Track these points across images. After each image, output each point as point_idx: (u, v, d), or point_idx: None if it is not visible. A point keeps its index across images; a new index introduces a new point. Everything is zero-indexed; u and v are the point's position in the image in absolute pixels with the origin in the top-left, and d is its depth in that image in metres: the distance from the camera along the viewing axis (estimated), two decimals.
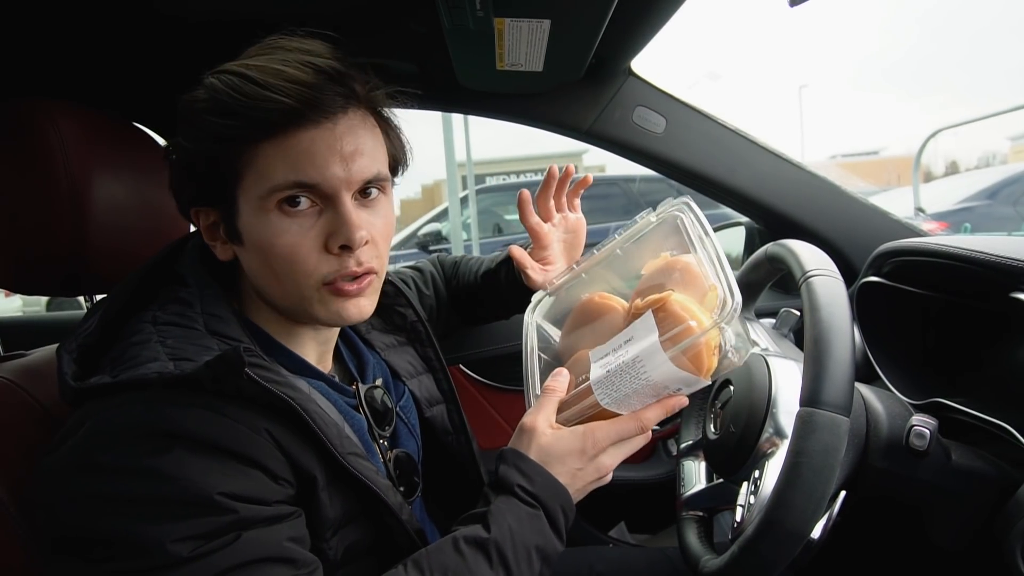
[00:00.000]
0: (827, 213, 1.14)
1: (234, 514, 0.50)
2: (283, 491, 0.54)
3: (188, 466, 0.49)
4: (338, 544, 0.59)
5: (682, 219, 0.68)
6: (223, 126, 0.55)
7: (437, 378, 0.84)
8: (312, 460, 0.56)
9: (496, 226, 5.66)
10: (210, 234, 0.62)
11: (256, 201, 0.57)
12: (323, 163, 0.56)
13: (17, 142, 0.68)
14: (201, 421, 0.51)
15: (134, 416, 0.50)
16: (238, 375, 0.51)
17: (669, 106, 1.11)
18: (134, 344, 0.56)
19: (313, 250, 0.58)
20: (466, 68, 0.94)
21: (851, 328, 0.62)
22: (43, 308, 6.05)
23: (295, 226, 0.57)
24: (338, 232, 0.57)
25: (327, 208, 0.58)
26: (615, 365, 0.59)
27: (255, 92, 0.55)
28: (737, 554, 0.64)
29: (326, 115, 0.56)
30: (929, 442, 0.68)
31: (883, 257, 0.90)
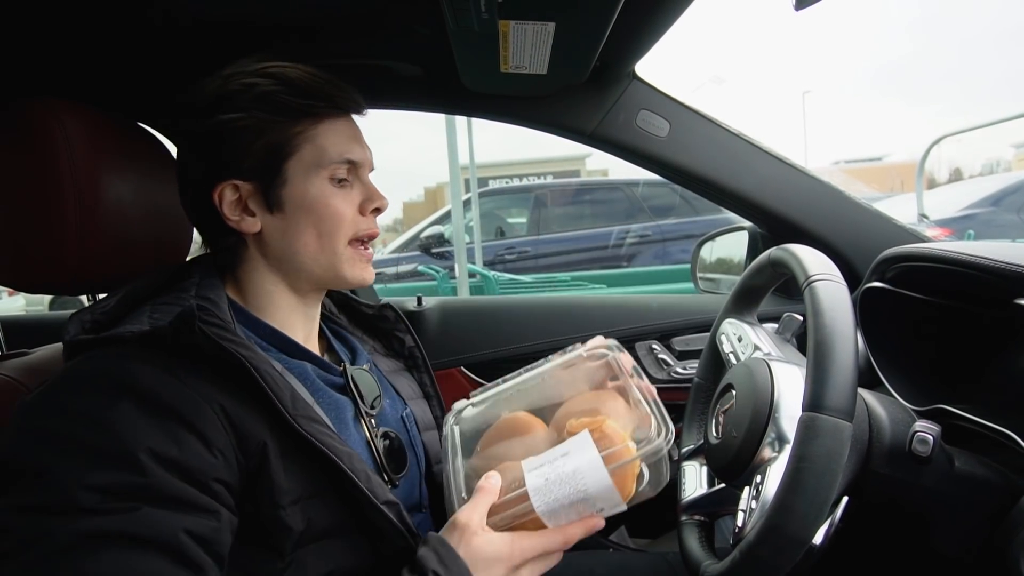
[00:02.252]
0: (831, 218, 1.13)
1: (143, 478, 0.50)
2: (218, 465, 0.54)
3: (128, 420, 0.52)
4: (299, 514, 0.58)
5: (615, 358, 0.74)
6: (301, 104, 0.67)
7: (431, 404, 0.87)
8: (261, 426, 0.58)
9: (499, 229, 5.66)
10: (235, 207, 0.69)
11: (311, 171, 0.68)
12: (361, 145, 0.72)
13: (23, 141, 0.68)
14: (154, 379, 0.55)
15: (99, 367, 0.56)
16: (191, 329, 0.56)
17: (673, 110, 1.11)
18: (129, 319, 0.63)
19: (351, 212, 0.71)
20: (470, 70, 0.94)
21: (854, 333, 0.62)
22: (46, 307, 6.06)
23: (341, 193, 0.70)
24: (371, 198, 0.72)
25: (355, 182, 0.72)
26: (554, 475, 0.62)
27: (319, 81, 0.69)
28: (738, 559, 0.64)
29: (358, 110, 0.74)
30: (932, 448, 0.68)
31: (887, 262, 0.90)
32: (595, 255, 5.12)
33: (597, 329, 1.29)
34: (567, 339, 1.28)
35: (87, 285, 0.74)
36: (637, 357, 1.29)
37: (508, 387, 0.77)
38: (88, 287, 0.76)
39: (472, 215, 4.91)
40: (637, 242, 5.08)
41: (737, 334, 0.91)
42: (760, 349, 0.85)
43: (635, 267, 4.92)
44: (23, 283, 0.71)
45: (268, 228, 0.69)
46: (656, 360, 1.29)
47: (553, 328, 1.31)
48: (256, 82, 0.67)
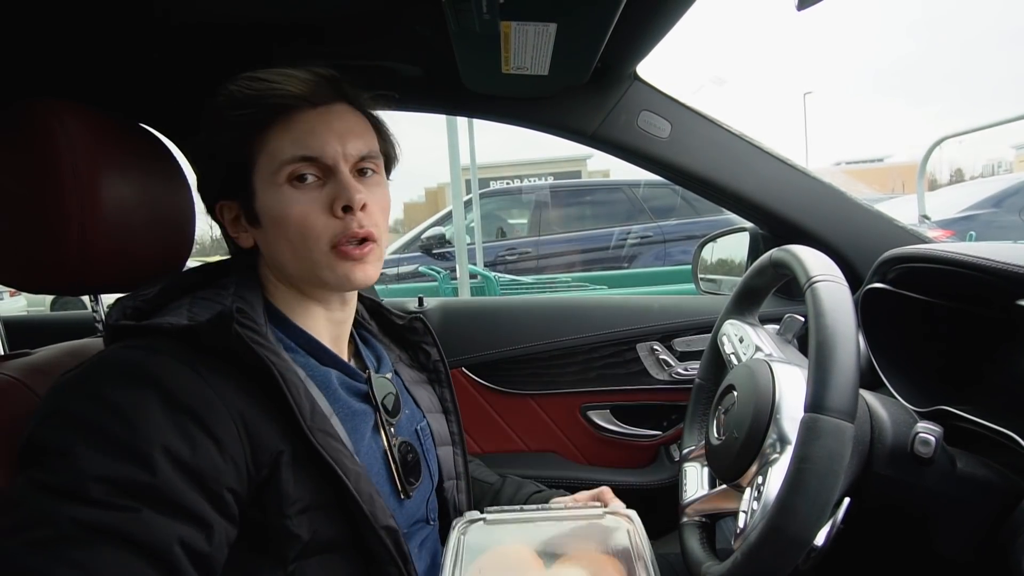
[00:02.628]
0: (832, 219, 1.13)
1: (152, 478, 0.51)
2: (226, 469, 0.55)
3: (151, 416, 0.53)
4: (305, 524, 0.59)
5: (634, 532, 0.77)
6: (238, 116, 0.66)
7: (449, 420, 0.87)
8: (278, 434, 0.59)
9: (500, 230, 5.66)
10: (234, 227, 0.71)
11: (269, 178, 0.66)
12: (323, 139, 0.66)
13: (25, 141, 0.68)
14: (179, 376, 0.56)
15: (132, 357, 0.57)
16: (227, 329, 0.58)
17: (674, 111, 1.11)
18: (170, 309, 0.64)
19: (320, 215, 0.66)
20: (471, 71, 0.94)
21: (856, 334, 0.62)
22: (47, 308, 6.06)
23: (304, 196, 0.66)
24: (339, 196, 0.66)
25: (329, 180, 0.67)
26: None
27: (262, 86, 0.66)
28: (740, 560, 0.64)
29: (321, 102, 0.68)
30: (934, 449, 0.68)
31: (888, 263, 0.90)
32: (596, 256, 5.12)
33: (598, 330, 1.30)
34: (568, 339, 1.30)
35: (89, 285, 0.74)
36: (638, 358, 1.29)
37: (523, 516, 0.77)
38: (90, 287, 0.76)
39: (473, 216, 4.91)
40: (638, 243, 5.08)
41: (738, 335, 0.91)
42: (761, 350, 0.85)
43: (636, 268, 4.92)
44: (25, 283, 0.71)
45: (258, 242, 0.71)
46: (657, 361, 1.29)
47: (554, 329, 1.31)
48: (212, 101, 0.68)
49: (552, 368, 1.31)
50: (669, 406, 1.30)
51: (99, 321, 0.89)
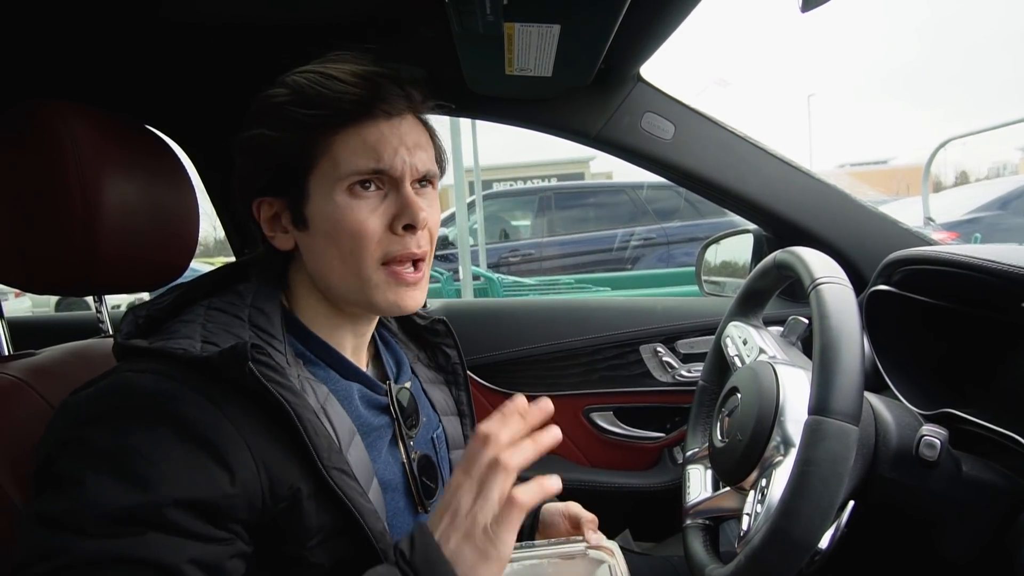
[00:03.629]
0: (836, 221, 1.13)
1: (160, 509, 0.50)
2: (237, 503, 0.54)
3: (164, 450, 0.52)
4: (326, 553, 0.58)
5: (611, 564, 0.76)
6: (306, 115, 0.61)
7: (464, 423, 0.86)
8: (296, 471, 0.57)
9: (503, 231, 5.67)
10: (271, 225, 0.67)
11: (330, 185, 0.62)
12: (393, 151, 0.63)
13: (30, 143, 0.68)
14: (192, 406, 0.54)
15: (144, 384, 0.55)
16: (241, 367, 0.54)
17: (678, 112, 1.11)
18: (182, 322, 0.61)
19: (379, 228, 0.63)
20: (475, 73, 0.94)
21: (861, 336, 0.62)
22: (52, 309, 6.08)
23: (364, 205, 0.63)
24: (403, 213, 0.63)
25: (391, 192, 0.64)
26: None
27: (336, 86, 0.62)
28: (743, 563, 0.64)
29: (393, 111, 0.64)
30: (939, 452, 0.67)
31: (893, 266, 0.90)
32: (599, 258, 5.12)
33: (601, 331, 1.30)
34: (571, 341, 1.29)
35: (93, 286, 0.75)
36: (641, 360, 1.29)
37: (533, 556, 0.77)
38: (94, 288, 0.76)
39: (476, 218, 4.91)
40: (641, 245, 5.08)
41: (742, 337, 0.90)
42: (765, 352, 0.84)
43: (639, 270, 4.91)
44: (29, 284, 0.71)
45: (301, 245, 0.66)
46: (660, 363, 1.29)
47: (557, 330, 1.31)
48: (272, 93, 0.64)
49: (555, 370, 1.31)
50: (672, 408, 1.30)
51: (103, 322, 0.90)
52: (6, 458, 0.60)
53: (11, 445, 0.61)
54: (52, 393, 0.66)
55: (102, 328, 0.89)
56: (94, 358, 0.73)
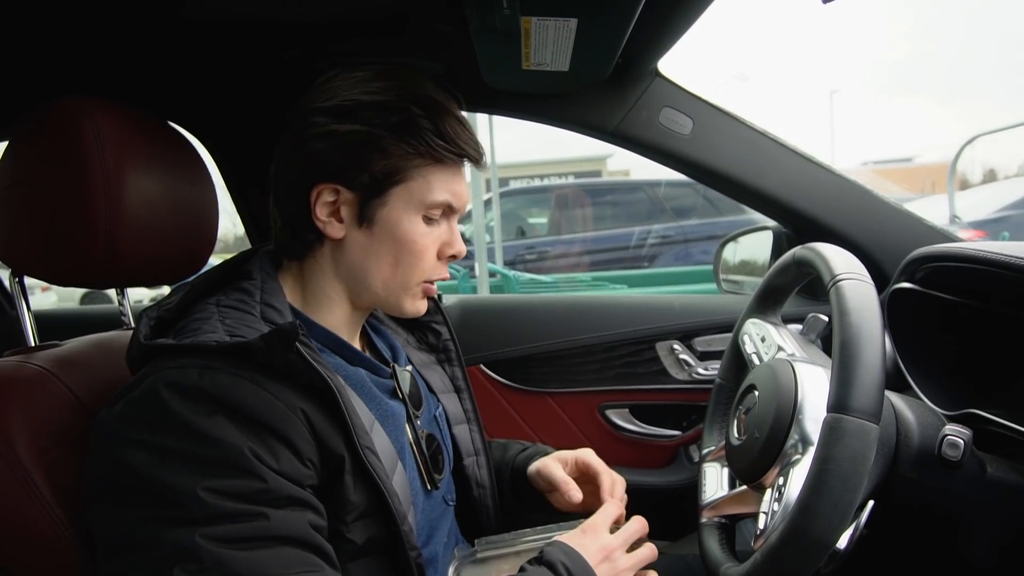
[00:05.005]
0: (857, 217, 1.11)
1: (262, 482, 0.54)
2: (308, 473, 0.58)
3: (227, 431, 0.54)
4: (359, 532, 0.61)
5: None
6: (440, 146, 0.67)
7: (462, 397, 0.87)
8: (340, 442, 0.60)
9: (519, 229, 5.66)
10: (327, 210, 0.68)
11: (413, 204, 0.68)
12: (463, 193, 0.72)
13: (56, 137, 0.70)
14: (245, 392, 0.56)
15: (188, 378, 0.56)
16: (289, 348, 0.57)
17: (696, 107, 1.10)
18: (197, 319, 0.63)
19: (432, 254, 0.71)
20: (492, 68, 0.94)
21: (882, 333, 0.61)
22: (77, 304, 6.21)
23: (431, 233, 0.70)
24: (452, 244, 0.72)
25: (442, 223, 0.71)
26: None
27: (466, 135, 0.69)
28: (760, 562, 0.63)
29: (476, 165, 0.73)
30: (963, 453, 0.66)
31: (916, 263, 0.88)
32: (616, 255, 5.10)
33: (617, 328, 1.29)
34: (587, 338, 1.29)
35: (115, 278, 0.76)
36: (657, 357, 1.28)
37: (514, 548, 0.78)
38: (116, 281, 0.77)
39: (493, 215, 4.92)
40: (659, 243, 5.05)
41: (760, 334, 0.89)
42: (784, 350, 0.83)
43: (657, 268, 4.88)
44: (54, 276, 0.72)
45: (351, 239, 0.69)
46: (677, 360, 1.28)
47: (573, 327, 1.30)
48: (408, 106, 0.66)
49: (571, 366, 1.30)
50: (689, 406, 1.29)
51: (125, 315, 0.91)
52: (33, 446, 0.61)
53: (37, 434, 0.62)
54: (76, 383, 0.67)
55: (124, 321, 0.90)
56: (116, 350, 0.75)
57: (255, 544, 0.52)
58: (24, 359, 0.68)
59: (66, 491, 0.61)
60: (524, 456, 0.89)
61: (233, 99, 1.18)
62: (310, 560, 0.54)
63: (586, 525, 0.70)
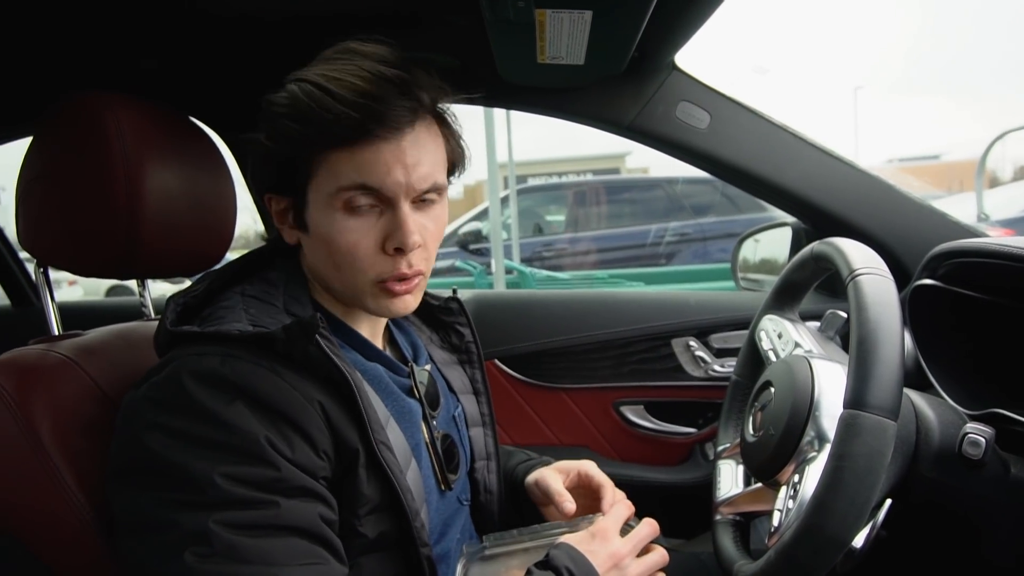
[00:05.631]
0: (878, 213, 1.09)
1: (276, 471, 0.54)
2: (321, 465, 0.58)
3: (244, 418, 0.55)
4: (371, 526, 0.61)
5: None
6: (300, 132, 0.61)
7: (479, 400, 0.86)
8: (355, 436, 0.60)
9: (536, 226, 5.65)
10: (280, 219, 0.68)
11: (325, 197, 0.63)
12: (386, 171, 0.61)
13: (78, 131, 0.71)
14: (264, 381, 0.57)
15: (210, 366, 0.57)
16: (309, 340, 0.58)
17: (714, 101, 1.08)
18: (222, 307, 0.64)
19: (371, 249, 0.64)
20: (507, 61, 0.94)
21: (900, 329, 0.60)
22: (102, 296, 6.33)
23: (357, 225, 0.63)
24: (393, 235, 0.63)
25: (386, 211, 0.63)
26: None
27: (330, 104, 0.59)
28: (773, 560, 0.62)
29: (393, 129, 0.61)
30: (984, 452, 0.64)
31: (939, 258, 0.86)
32: (634, 253, 5.07)
33: (633, 324, 1.29)
34: (602, 333, 1.29)
35: (135, 269, 0.77)
36: (673, 353, 1.27)
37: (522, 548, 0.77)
38: (137, 272, 0.79)
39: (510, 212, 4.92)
40: (677, 240, 5.00)
41: (777, 331, 0.88)
42: (801, 346, 0.82)
43: (674, 265, 4.84)
44: (76, 267, 0.74)
45: (303, 245, 0.68)
46: (693, 357, 1.27)
47: (589, 322, 1.30)
48: (272, 99, 0.64)
49: (586, 362, 1.30)
50: (704, 403, 1.28)
51: (145, 306, 0.93)
52: (56, 432, 0.63)
53: (60, 420, 0.63)
54: (97, 371, 0.69)
55: (144, 312, 0.92)
56: (137, 340, 0.76)
57: (265, 532, 0.52)
58: (48, 348, 0.69)
59: (87, 477, 0.62)
60: (525, 467, 0.87)
61: (253, 94, 1.20)
62: (317, 552, 0.55)
63: (595, 529, 0.68)
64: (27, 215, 0.74)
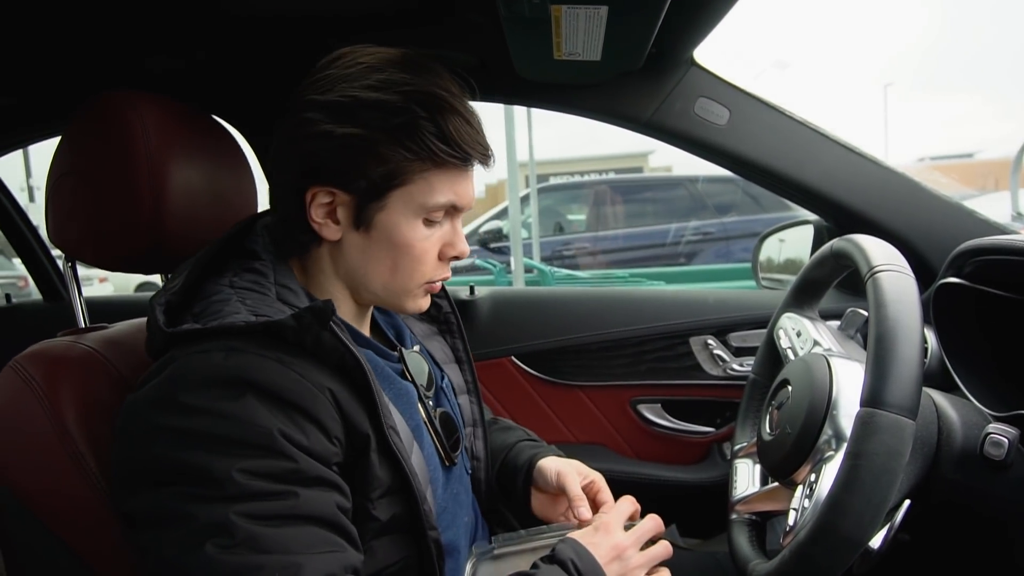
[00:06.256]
0: (904, 210, 1.07)
1: (293, 463, 0.54)
2: (335, 451, 0.58)
3: (256, 412, 0.54)
4: (384, 509, 0.62)
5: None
6: (443, 151, 0.63)
7: (463, 368, 0.88)
8: (365, 421, 0.61)
9: (557, 225, 5.64)
10: (320, 213, 0.66)
11: (414, 207, 0.65)
12: (470, 195, 0.69)
13: (104, 128, 0.73)
14: (272, 372, 0.56)
15: (214, 361, 0.56)
16: (323, 326, 0.58)
17: (733, 97, 1.07)
18: (216, 302, 0.62)
19: (434, 256, 0.69)
20: (524, 58, 0.94)
21: (920, 326, 0.59)
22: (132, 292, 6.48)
23: (431, 235, 0.68)
24: (454, 245, 0.70)
25: (445, 223, 0.69)
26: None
27: (474, 136, 0.66)
28: (788, 559, 0.62)
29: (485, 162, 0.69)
30: (1007, 452, 0.63)
31: (964, 256, 0.84)
32: (654, 252, 5.03)
33: (650, 322, 1.28)
34: (619, 331, 1.28)
35: (159, 264, 0.79)
36: (691, 352, 1.26)
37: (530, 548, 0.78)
38: (160, 266, 0.81)
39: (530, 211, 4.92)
40: (699, 239, 4.95)
41: (796, 329, 0.87)
42: (820, 344, 0.81)
43: (696, 265, 4.79)
44: (102, 261, 0.76)
45: (348, 242, 0.67)
46: (711, 356, 1.25)
47: (606, 320, 1.29)
48: (410, 107, 0.62)
49: (602, 360, 1.29)
50: (722, 403, 1.26)
51: None
52: (82, 421, 0.64)
53: (86, 409, 0.65)
54: (122, 363, 0.70)
55: None
56: None
57: (285, 522, 0.53)
58: (75, 339, 0.71)
59: (110, 464, 0.64)
60: (532, 450, 0.87)
61: (274, 93, 1.21)
62: (334, 540, 0.55)
63: (599, 523, 0.70)
64: (55, 210, 0.76)
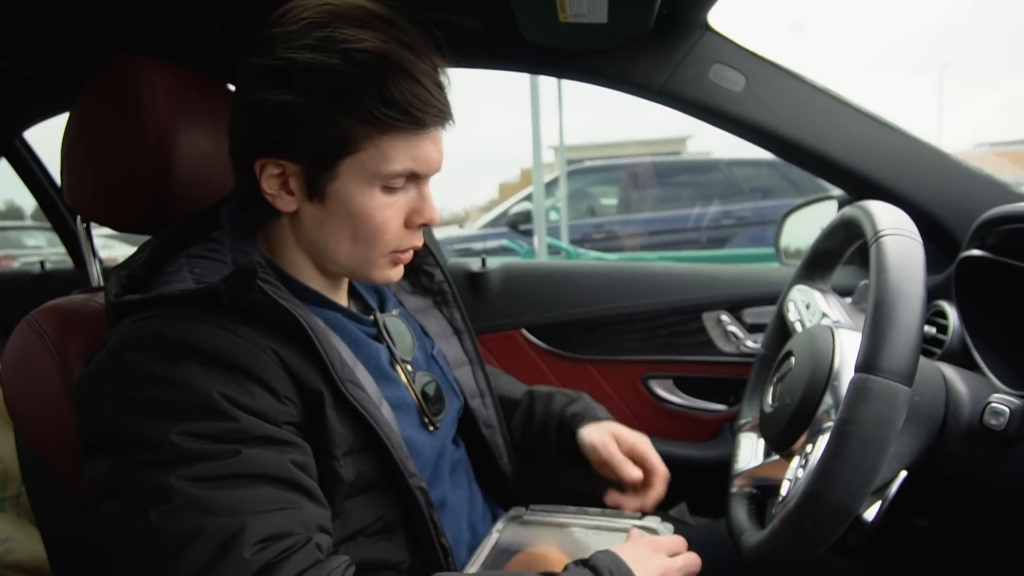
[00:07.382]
0: (930, 182, 1.01)
1: (234, 422, 0.53)
2: (286, 410, 0.57)
3: (194, 375, 0.54)
4: (350, 467, 0.61)
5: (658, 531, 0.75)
6: (386, 115, 0.59)
7: (462, 339, 0.86)
8: (317, 378, 0.59)
9: (590, 208, 5.59)
10: (273, 185, 0.63)
11: (368, 175, 0.62)
12: (432, 160, 0.64)
13: (115, 92, 0.75)
14: (211, 336, 0.56)
15: (154, 328, 0.57)
16: (251, 287, 0.56)
17: (749, 63, 1.03)
18: (168, 272, 0.63)
19: (398, 224, 0.65)
20: (530, 20, 0.92)
21: (923, 293, 0.56)
22: None
23: (392, 203, 0.64)
24: (422, 212, 0.65)
25: (411, 188, 0.65)
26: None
27: (424, 96, 0.60)
28: (777, 528, 0.60)
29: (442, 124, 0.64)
30: (1008, 422, 0.60)
31: (987, 226, 0.79)
32: (687, 236, 4.94)
33: (663, 296, 1.26)
34: (632, 305, 1.26)
35: (167, 226, 0.81)
36: (704, 328, 1.23)
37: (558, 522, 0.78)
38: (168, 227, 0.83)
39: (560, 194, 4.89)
40: (733, 223, 4.84)
41: (806, 301, 0.85)
42: (828, 316, 0.78)
43: (729, 249, 4.69)
44: (112, 221, 0.78)
45: (305, 213, 0.64)
46: (724, 332, 1.23)
47: (618, 294, 1.28)
48: (340, 68, 0.57)
49: (614, 334, 1.28)
50: (735, 380, 1.24)
51: None
52: None
53: None
54: None
55: None
56: None
57: (230, 482, 0.51)
58: (88, 298, 0.74)
59: None
60: (571, 413, 0.87)
61: None
62: (288, 498, 0.54)
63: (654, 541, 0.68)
64: (70, 172, 0.79)
